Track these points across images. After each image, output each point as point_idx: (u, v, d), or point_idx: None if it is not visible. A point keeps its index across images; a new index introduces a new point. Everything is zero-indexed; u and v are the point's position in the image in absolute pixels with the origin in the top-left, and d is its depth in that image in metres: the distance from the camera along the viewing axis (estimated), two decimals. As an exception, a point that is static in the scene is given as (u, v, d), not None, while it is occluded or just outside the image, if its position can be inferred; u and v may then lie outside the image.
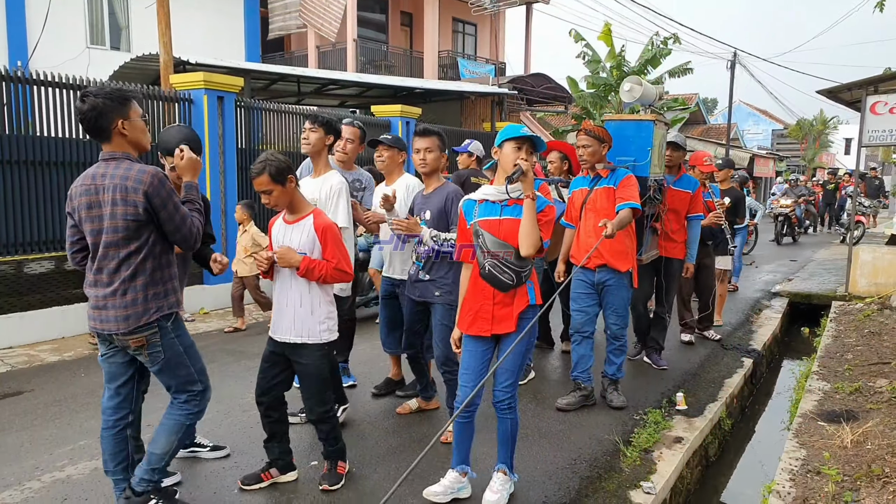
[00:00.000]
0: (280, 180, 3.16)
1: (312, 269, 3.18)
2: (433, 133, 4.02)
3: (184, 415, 3.01)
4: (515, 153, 3.14)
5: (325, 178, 4.14)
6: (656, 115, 5.08)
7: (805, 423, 4.45)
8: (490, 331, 3.22)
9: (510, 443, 3.34)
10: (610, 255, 4.49)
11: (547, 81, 19.08)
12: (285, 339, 3.29)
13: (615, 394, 4.72)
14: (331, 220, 3.39)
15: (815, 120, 38.43)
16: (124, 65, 11.56)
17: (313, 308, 3.27)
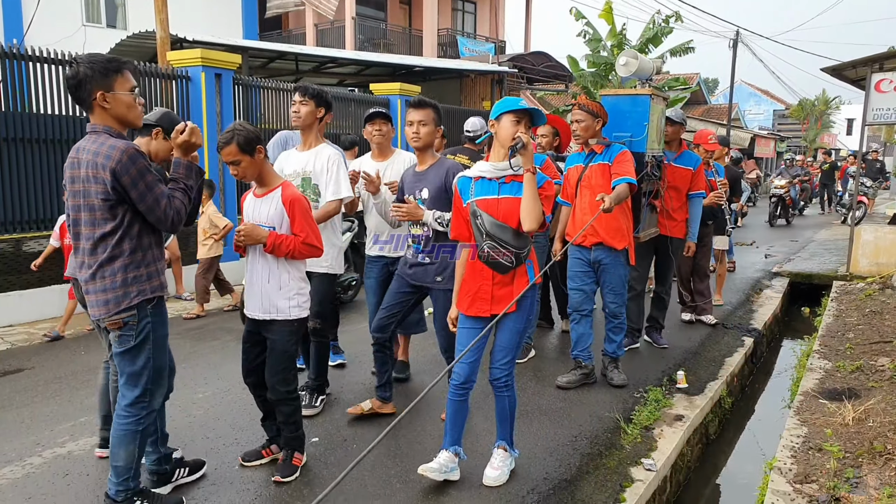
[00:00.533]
0: (248, 150, 3.05)
1: (279, 245, 3.08)
2: (428, 105, 3.80)
3: (133, 422, 2.80)
4: (514, 126, 3.06)
5: (318, 152, 4.01)
6: (654, 89, 4.97)
7: (806, 400, 4.45)
8: (489, 311, 3.17)
9: (509, 420, 3.33)
10: (605, 233, 4.43)
11: (547, 60, 18.94)
12: (255, 316, 3.22)
13: (615, 371, 4.69)
14: (299, 192, 3.25)
15: (817, 100, 38.23)
16: (121, 42, 11.45)
17: (281, 284, 3.18)
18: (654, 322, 5.74)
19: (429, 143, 3.81)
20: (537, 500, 3.12)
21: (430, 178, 3.77)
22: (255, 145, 3.06)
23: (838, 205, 17.82)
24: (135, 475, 2.85)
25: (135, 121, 2.78)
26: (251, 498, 3.12)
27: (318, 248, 3.20)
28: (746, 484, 4.31)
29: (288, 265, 3.19)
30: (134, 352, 2.77)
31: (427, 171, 3.82)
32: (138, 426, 2.81)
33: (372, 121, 4.33)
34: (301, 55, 13.43)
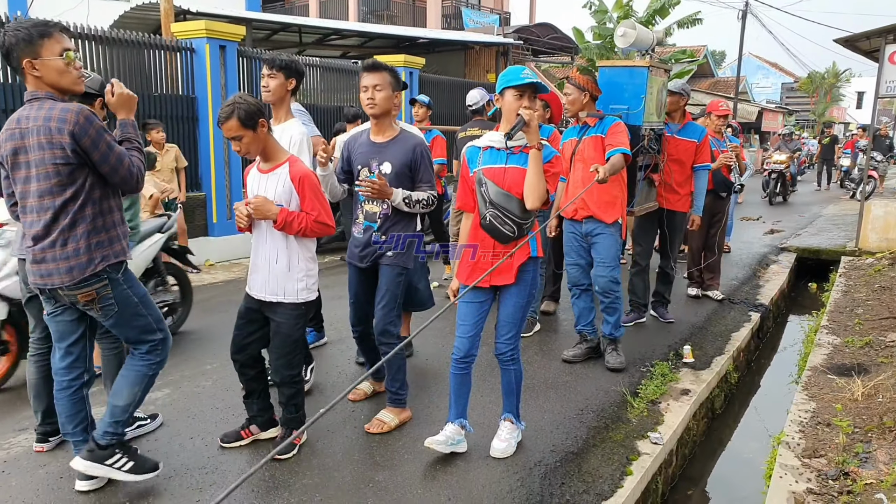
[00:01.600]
0: (250, 125, 2.91)
1: (291, 222, 2.96)
2: (384, 68, 3.45)
3: (146, 365, 2.85)
4: (517, 102, 3.03)
5: (284, 128, 3.76)
6: (655, 61, 4.87)
7: (814, 376, 4.45)
8: (489, 282, 3.15)
9: (515, 393, 3.32)
10: (596, 206, 4.35)
11: (553, 32, 18.71)
12: (261, 297, 3.12)
13: (613, 354, 4.52)
14: (308, 169, 3.11)
15: (827, 72, 37.78)
16: (125, 14, 11.33)
17: (290, 265, 3.07)
18: (660, 297, 5.70)
19: (385, 110, 3.42)
20: (544, 473, 3.13)
21: (393, 153, 3.43)
22: (258, 119, 2.92)
23: (847, 179, 17.38)
24: (127, 420, 2.85)
25: (71, 86, 2.63)
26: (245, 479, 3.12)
27: (330, 225, 3.08)
28: (752, 458, 4.32)
29: (298, 245, 3.08)
30: (125, 317, 2.76)
31: (388, 143, 3.47)
32: (149, 370, 2.85)
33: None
34: (304, 27, 13.29)
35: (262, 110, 2.95)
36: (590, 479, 3.12)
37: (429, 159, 3.45)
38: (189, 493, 2.94)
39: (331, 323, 5.15)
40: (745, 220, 12.01)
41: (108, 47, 7.31)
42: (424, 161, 3.42)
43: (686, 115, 5.56)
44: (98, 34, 7.18)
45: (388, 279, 3.46)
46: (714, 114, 6.25)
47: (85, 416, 2.93)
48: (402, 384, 3.57)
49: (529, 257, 3.15)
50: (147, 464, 2.93)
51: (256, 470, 1.55)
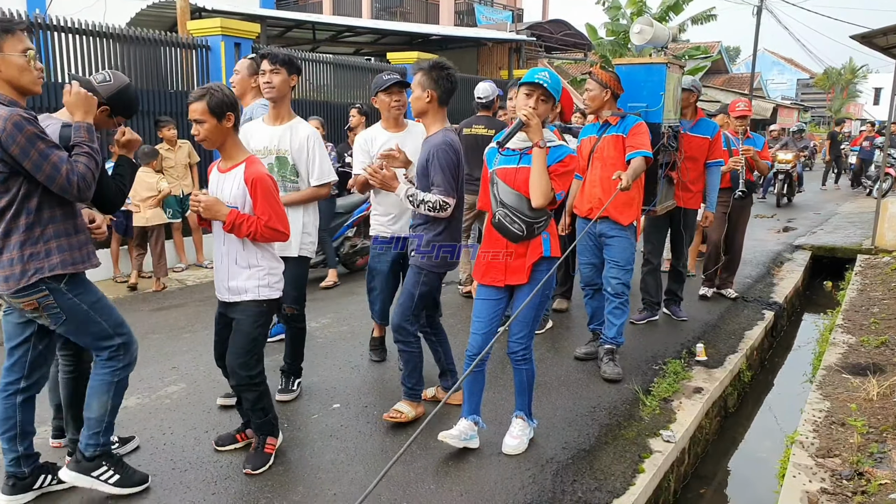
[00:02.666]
0: (217, 113, 2.81)
1: (239, 225, 2.85)
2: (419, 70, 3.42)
3: (109, 372, 2.75)
4: (524, 100, 3.03)
5: (293, 128, 3.67)
6: (669, 58, 4.81)
7: (829, 375, 4.42)
8: (503, 281, 3.17)
9: (527, 392, 3.33)
10: (612, 207, 4.19)
11: (566, 28, 18.61)
12: (223, 298, 3.02)
13: (611, 364, 4.29)
14: (265, 170, 3.00)
15: (844, 68, 37.38)
16: (141, 11, 11.40)
17: (250, 263, 2.96)
18: (672, 295, 5.66)
19: (417, 112, 3.46)
20: (556, 470, 3.14)
21: (421, 152, 3.46)
22: (227, 111, 2.83)
23: (864, 177, 17.03)
24: (106, 430, 2.78)
25: (30, 86, 2.54)
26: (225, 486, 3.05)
27: (283, 232, 2.96)
28: (765, 458, 4.31)
29: (256, 244, 2.98)
30: (74, 323, 2.66)
31: (425, 143, 3.49)
32: (113, 377, 2.75)
33: (388, 90, 3.98)
34: (318, 24, 13.32)
35: (235, 106, 2.89)
36: (602, 476, 3.13)
37: (443, 163, 3.31)
38: (203, 485, 2.98)
39: (344, 319, 5.19)
40: (760, 217, 11.93)
41: (125, 45, 7.37)
42: (436, 164, 3.31)
43: (698, 112, 5.49)
44: (115, 32, 7.25)
45: (408, 278, 3.52)
46: (731, 114, 6.17)
47: (15, 424, 2.76)
48: (418, 380, 3.60)
49: (542, 257, 3.13)
50: (134, 477, 2.89)
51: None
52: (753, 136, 6.28)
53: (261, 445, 3.15)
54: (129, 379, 3.24)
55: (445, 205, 3.32)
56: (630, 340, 4.91)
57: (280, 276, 3.08)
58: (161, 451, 3.27)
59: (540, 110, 3.03)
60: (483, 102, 5.71)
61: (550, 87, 3.03)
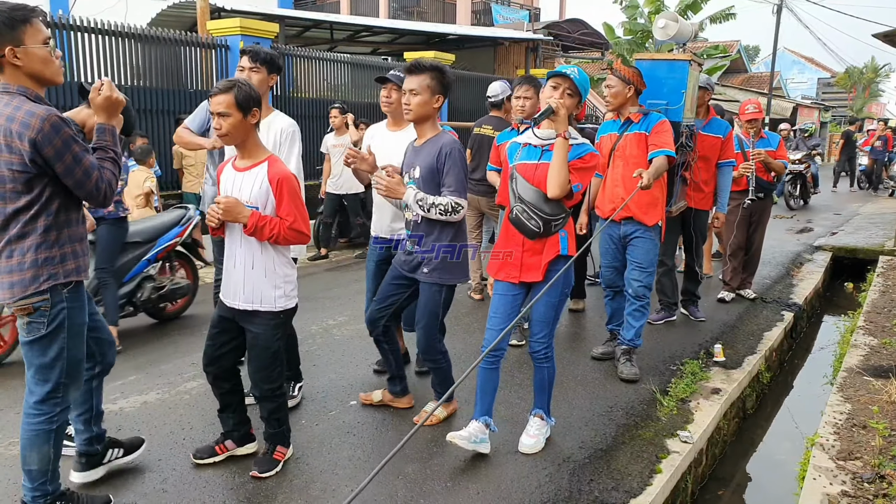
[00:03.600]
0: (244, 108, 2.71)
1: (262, 228, 2.73)
2: (426, 70, 3.21)
3: (45, 420, 2.47)
4: (551, 92, 3.06)
5: (269, 123, 3.48)
6: (691, 55, 4.70)
7: (850, 377, 4.37)
8: (518, 278, 3.15)
9: (547, 390, 3.31)
10: (637, 207, 4.14)
11: (583, 27, 18.56)
12: (234, 305, 2.89)
13: (628, 364, 4.27)
14: (289, 169, 2.90)
15: (866, 68, 36.93)
16: (162, 11, 11.55)
17: (267, 271, 2.84)
18: (690, 295, 5.59)
19: (419, 115, 3.24)
20: (573, 469, 3.14)
21: (423, 155, 3.25)
22: (253, 107, 2.75)
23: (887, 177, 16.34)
24: (52, 478, 2.54)
25: (53, 77, 2.43)
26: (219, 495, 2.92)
27: (306, 234, 2.86)
28: (784, 459, 4.27)
29: (274, 249, 2.86)
30: (45, 341, 2.44)
31: (423, 147, 3.30)
32: (51, 425, 2.48)
33: (384, 85, 3.86)
34: (336, 24, 13.39)
35: (260, 102, 2.82)
36: (619, 476, 3.12)
37: (457, 163, 3.18)
38: (222, 480, 3.00)
39: (360, 316, 5.16)
40: (779, 217, 11.81)
41: (146, 45, 7.45)
42: (450, 164, 3.16)
43: (710, 111, 5.42)
44: (136, 32, 7.33)
45: (426, 297, 3.32)
46: (742, 118, 6.09)
47: (90, 407, 2.83)
48: (447, 385, 3.51)
49: (559, 255, 3.10)
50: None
51: None
52: (768, 135, 6.19)
53: (270, 451, 3.08)
54: (150, 374, 3.27)
55: (458, 207, 3.17)
56: (648, 341, 4.89)
57: (295, 283, 2.98)
58: (180, 446, 3.31)
59: (567, 103, 3.03)
60: (493, 101, 5.61)
61: (578, 82, 3.05)
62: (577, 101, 3.09)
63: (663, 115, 4.26)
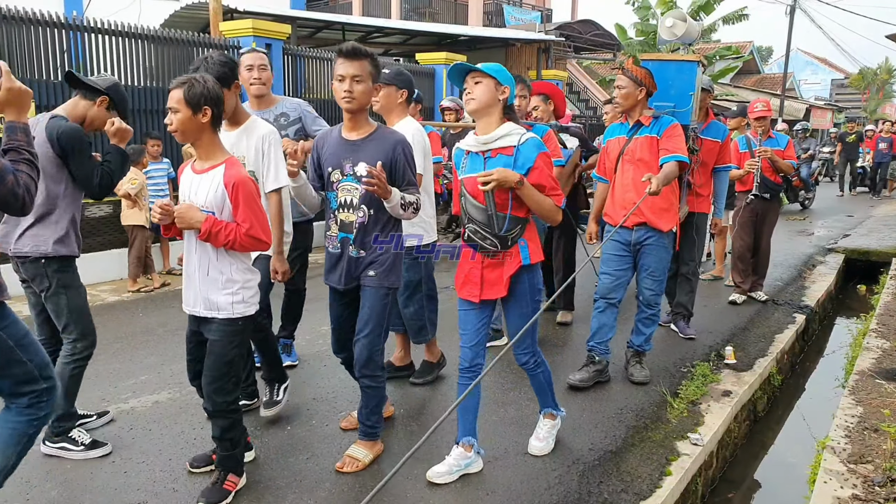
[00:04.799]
0: (193, 105, 2.57)
1: (217, 234, 2.61)
2: (365, 55, 2.95)
3: (26, 421, 2.34)
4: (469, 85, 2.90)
5: (248, 129, 3.35)
6: (699, 55, 4.57)
7: (862, 380, 4.35)
8: (478, 296, 2.95)
9: (547, 390, 3.27)
10: (651, 213, 3.98)
11: (595, 28, 18.50)
12: (194, 312, 2.78)
13: (638, 367, 4.23)
14: (246, 173, 2.73)
15: (880, 68, 36.65)
16: (175, 13, 11.63)
17: (224, 276, 2.71)
18: (682, 308, 5.16)
19: (364, 105, 2.97)
20: (582, 471, 3.14)
21: (370, 152, 2.94)
22: (203, 104, 2.59)
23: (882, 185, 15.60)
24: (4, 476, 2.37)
25: None
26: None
27: (264, 241, 2.72)
28: (795, 463, 4.25)
29: (230, 254, 2.73)
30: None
31: (365, 141, 2.99)
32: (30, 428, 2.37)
33: None
34: (347, 24, 13.43)
35: (217, 101, 2.64)
36: (628, 478, 3.12)
37: (411, 159, 3.02)
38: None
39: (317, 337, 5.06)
40: (791, 219, 11.75)
41: (159, 46, 7.52)
42: (407, 161, 2.99)
43: (709, 113, 5.27)
44: (149, 33, 7.39)
45: (371, 302, 3.02)
46: (751, 116, 6.06)
47: None
48: (379, 417, 3.19)
49: (521, 266, 2.91)
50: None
51: None
52: (776, 135, 6.12)
53: (220, 480, 2.84)
54: (162, 374, 3.28)
55: (419, 202, 3.04)
56: (658, 343, 4.88)
57: (256, 289, 2.84)
58: (192, 445, 3.33)
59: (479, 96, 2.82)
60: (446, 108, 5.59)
61: (484, 68, 2.83)
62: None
63: (674, 118, 4.12)
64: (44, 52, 6.44)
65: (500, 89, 2.84)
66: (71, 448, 3.19)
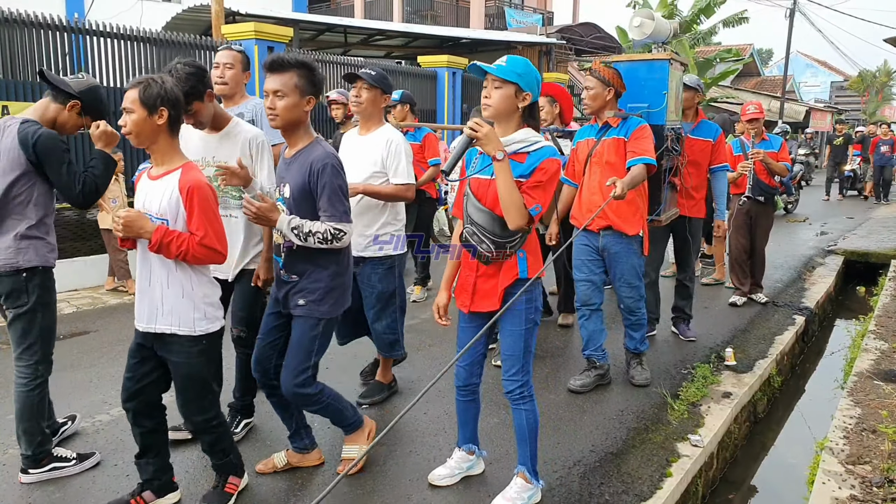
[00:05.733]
0: (149, 105, 2.43)
1: (168, 244, 2.42)
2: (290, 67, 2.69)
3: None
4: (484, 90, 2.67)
5: (230, 133, 3.15)
6: (671, 53, 4.43)
7: (860, 381, 4.37)
8: (468, 307, 2.77)
9: (528, 440, 2.82)
10: (616, 216, 3.89)
11: (596, 31, 18.59)
12: (149, 329, 2.57)
13: (639, 368, 4.23)
14: (203, 178, 2.54)
15: (879, 71, 36.72)
16: (177, 16, 11.68)
17: (184, 289, 2.54)
18: (680, 312, 5.20)
19: (290, 121, 2.70)
20: (583, 472, 3.16)
21: (293, 173, 2.73)
22: (160, 105, 2.44)
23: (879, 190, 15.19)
24: None
25: None
26: None
27: (220, 252, 2.54)
28: (795, 463, 4.28)
29: (190, 266, 2.55)
30: None
31: (293, 160, 2.77)
32: None
33: (352, 83, 3.54)
34: (349, 28, 13.48)
35: (175, 103, 2.49)
36: (629, 479, 3.14)
37: (332, 181, 2.67)
38: (240, 480, 3.05)
39: None
40: (791, 221, 11.78)
41: (160, 48, 7.55)
42: (324, 183, 2.65)
43: (700, 113, 5.17)
44: (151, 36, 7.43)
45: (299, 333, 2.82)
46: (743, 118, 6.03)
47: None
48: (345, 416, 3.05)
49: (517, 279, 2.69)
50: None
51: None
52: (770, 137, 6.06)
53: (221, 484, 2.81)
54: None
55: (339, 233, 2.68)
56: (659, 344, 4.91)
57: (218, 304, 2.67)
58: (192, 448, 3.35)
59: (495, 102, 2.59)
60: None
61: (501, 72, 2.56)
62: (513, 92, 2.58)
63: (644, 119, 4.02)
64: (45, 54, 6.48)
65: (521, 96, 2.60)
66: (63, 465, 3.06)
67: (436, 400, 3.93)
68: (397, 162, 3.55)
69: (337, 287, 2.82)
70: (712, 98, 17.66)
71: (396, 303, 3.76)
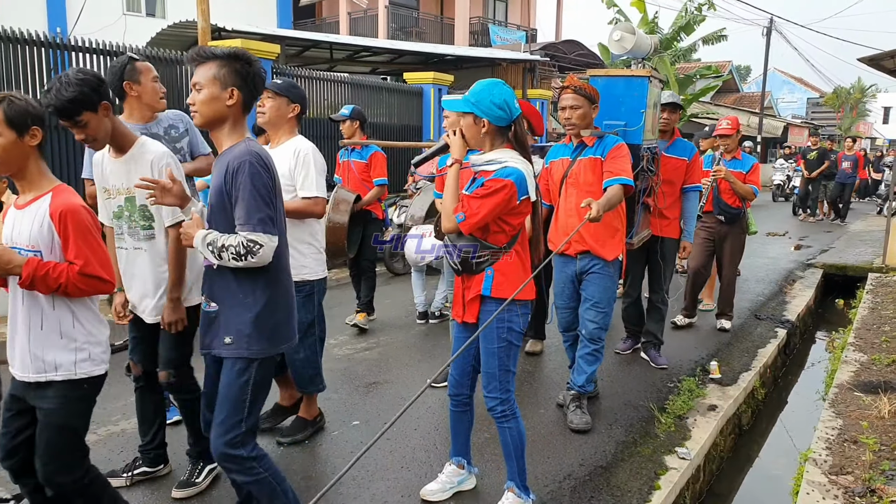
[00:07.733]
0: (18, 125, 2.13)
1: (42, 277, 2.11)
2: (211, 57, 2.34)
3: None
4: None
5: (135, 157, 2.74)
6: (650, 70, 4.30)
7: (841, 393, 4.47)
8: (461, 317, 2.85)
9: (514, 457, 2.84)
10: (594, 240, 3.71)
11: (579, 48, 18.85)
12: (22, 378, 2.25)
13: (578, 412, 3.81)
14: (78, 200, 2.24)
15: (853, 88, 37.51)
16: (162, 31, 11.65)
17: (63, 330, 2.23)
18: (652, 337, 4.94)
19: (209, 117, 2.34)
20: (573, 486, 3.20)
21: (214, 175, 2.37)
22: (32, 125, 2.17)
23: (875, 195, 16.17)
24: None
25: None
26: None
27: (105, 279, 2.23)
28: (779, 475, 4.35)
29: (72, 301, 2.24)
30: None
31: (218, 161, 2.40)
32: None
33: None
34: (335, 44, 13.55)
35: (42, 119, 2.22)
36: (618, 493, 3.18)
37: (248, 184, 2.22)
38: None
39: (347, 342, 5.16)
40: (771, 235, 11.98)
41: (148, 66, 7.55)
42: (240, 186, 2.23)
43: (675, 131, 4.99)
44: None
45: (227, 380, 2.33)
46: (716, 133, 5.79)
47: None
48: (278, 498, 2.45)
49: (479, 295, 2.72)
50: None
51: None
52: (744, 156, 5.72)
53: None
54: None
55: (254, 246, 2.20)
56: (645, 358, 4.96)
57: (105, 344, 2.35)
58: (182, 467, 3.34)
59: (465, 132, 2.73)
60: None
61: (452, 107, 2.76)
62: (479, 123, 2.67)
63: (620, 137, 3.82)
64: (28, 70, 6.44)
65: (479, 122, 2.68)
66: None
67: (426, 416, 3.96)
68: (305, 172, 3.23)
69: (270, 316, 2.33)
70: (693, 114, 17.93)
71: (315, 333, 3.50)
